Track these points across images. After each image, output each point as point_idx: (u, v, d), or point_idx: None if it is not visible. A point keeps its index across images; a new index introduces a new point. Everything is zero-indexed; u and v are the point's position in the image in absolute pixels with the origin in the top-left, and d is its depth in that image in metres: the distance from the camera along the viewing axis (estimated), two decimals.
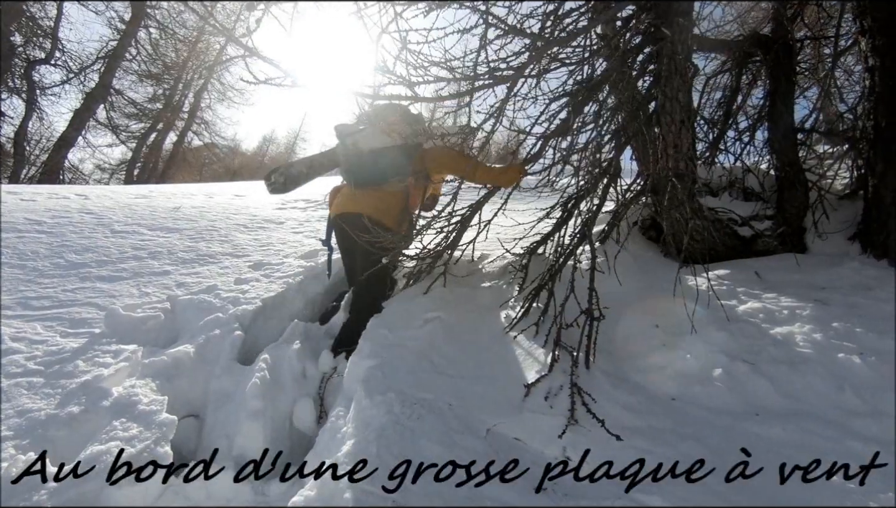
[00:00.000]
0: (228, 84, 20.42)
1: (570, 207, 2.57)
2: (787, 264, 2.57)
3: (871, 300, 2.08)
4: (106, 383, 1.85)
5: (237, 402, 1.92)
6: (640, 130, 2.48)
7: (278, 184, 2.69)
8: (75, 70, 15.84)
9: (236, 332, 2.31)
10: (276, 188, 2.70)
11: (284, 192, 2.74)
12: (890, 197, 2.42)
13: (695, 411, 1.57)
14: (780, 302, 2.11)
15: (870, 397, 1.56)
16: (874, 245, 2.52)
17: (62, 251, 3.21)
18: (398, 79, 1.84)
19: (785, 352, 1.79)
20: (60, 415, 1.68)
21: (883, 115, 2.49)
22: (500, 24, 1.97)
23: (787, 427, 1.45)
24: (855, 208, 2.84)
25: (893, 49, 2.46)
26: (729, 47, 3.36)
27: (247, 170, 25.19)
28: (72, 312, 2.45)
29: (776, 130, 3.01)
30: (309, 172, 2.79)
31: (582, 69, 2.65)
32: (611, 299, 2.07)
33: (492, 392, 1.66)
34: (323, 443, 1.63)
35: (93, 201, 4.91)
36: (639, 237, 3.23)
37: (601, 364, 1.76)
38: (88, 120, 15.84)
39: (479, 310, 2.32)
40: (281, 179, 2.69)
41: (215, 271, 3.17)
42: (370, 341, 2.03)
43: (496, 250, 3.08)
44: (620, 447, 1.35)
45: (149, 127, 18.88)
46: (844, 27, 3.25)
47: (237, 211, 5.24)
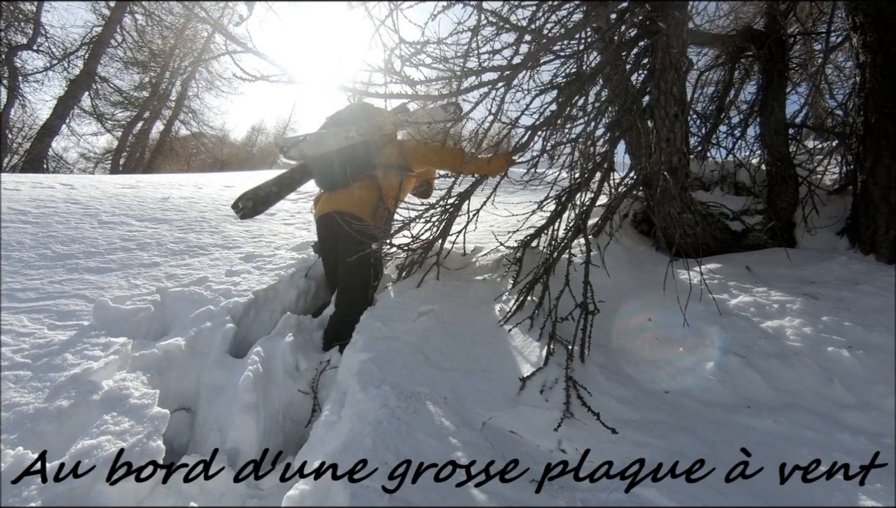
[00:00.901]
0: (217, 73, 20.11)
1: (563, 200, 2.57)
2: (777, 258, 2.60)
3: (859, 294, 2.11)
4: (95, 376, 1.82)
5: (230, 395, 1.90)
6: (634, 123, 2.48)
7: (247, 209, 2.66)
8: (59, 56, 15.47)
9: (228, 324, 2.29)
10: (245, 214, 2.67)
11: (254, 215, 2.71)
12: (878, 193, 2.45)
13: (688, 403, 1.59)
14: (770, 296, 2.14)
15: (858, 389, 1.58)
16: (862, 240, 2.56)
17: (48, 242, 3.15)
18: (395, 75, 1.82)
19: (776, 346, 1.81)
20: (49, 409, 1.65)
21: (873, 111, 2.52)
22: (503, 23, 1.95)
23: (779, 420, 1.47)
24: (844, 203, 2.88)
25: (884, 46, 2.48)
26: (722, 42, 3.37)
27: (235, 160, 24.90)
28: (59, 304, 2.41)
29: (767, 126, 3.04)
30: (280, 190, 2.76)
31: (576, 61, 2.64)
32: (604, 292, 2.08)
33: (487, 386, 1.66)
34: (317, 437, 1.62)
35: (79, 190, 4.82)
36: (631, 231, 3.24)
37: (596, 357, 1.77)
38: (73, 108, 15.48)
39: (474, 303, 2.32)
40: (249, 204, 2.66)
41: (206, 263, 3.14)
42: (364, 334, 2.02)
43: (490, 243, 3.08)
44: (615, 439, 1.36)
45: (135, 116, 18.50)
46: (836, 23, 3.28)
47: (227, 202, 5.16)
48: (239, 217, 2.69)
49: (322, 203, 2.70)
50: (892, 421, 1.45)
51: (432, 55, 2.06)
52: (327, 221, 2.59)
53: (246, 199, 2.66)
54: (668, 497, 1.15)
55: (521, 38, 2.09)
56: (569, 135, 2.71)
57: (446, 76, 1.97)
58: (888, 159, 2.42)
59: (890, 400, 1.52)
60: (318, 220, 2.72)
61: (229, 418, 1.80)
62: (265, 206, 2.71)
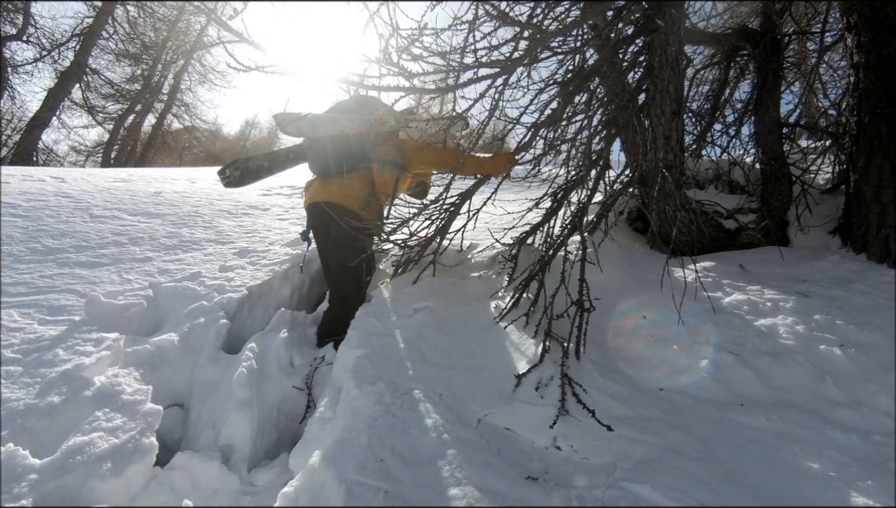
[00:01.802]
0: (210, 66, 19.94)
1: (559, 197, 2.57)
2: (770, 256, 2.62)
3: (851, 293, 2.13)
4: (87, 372, 1.80)
5: (224, 391, 1.89)
6: (631, 120, 2.48)
7: (233, 178, 2.61)
8: (49, 48, 15.27)
9: (221, 320, 2.27)
10: (230, 182, 2.61)
11: (240, 186, 2.67)
12: (871, 192, 2.47)
13: (682, 400, 1.60)
14: (763, 294, 2.15)
15: (850, 387, 1.60)
16: (854, 239, 2.58)
17: (38, 236, 3.11)
18: (391, 67, 1.80)
19: (769, 344, 1.82)
20: (40, 405, 1.63)
21: (866, 111, 2.53)
22: (502, 17, 1.94)
23: (771, 417, 1.49)
24: (836, 202, 2.90)
25: (878, 46, 2.50)
26: (718, 41, 3.38)
27: (229, 154, 24.70)
28: (50, 299, 2.38)
29: (762, 124, 3.05)
30: (271, 166, 2.73)
31: (573, 59, 2.64)
32: (599, 290, 2.09)
33: (482, 382, 1.66)
34: (312, 433, 1.61)
35: (69, 184, 4.76)
36: (625, 229, 3.25)
37: (591, 355, 1.77)
38: (63, 100, 15.30)
39: (469, 300, 2.32)
40: (237, 173, 2.61)
41: (199, 258, 3.11)
42: (359, 330, 2.02)
43: (486, 240, 3.08)
44: (610, 436, 1.37)
45: (126, 108, 18.31)
46: (830, 23, 3.29)
47: (220, 197, 5.13)
48: (223, 184, 2.63)
49: (313, 191, 2.67)
50: (882, 419, 1.47)
51: (430, 49, 2.05)
52: (316, 211, 2.57)
53: (234, 168, 2.61)
54: (662, 493, 1.16)
55: (520, 33, 2.08)
56: (566, 133, 2.71)
57: (444, 70, 1.96)
58: (880, 159, 2.44)
59: (881, 398, 1.54)
60: (307, 208, 2.70)
61: (223, 414, 1.79)
62: (253, 179, 2.67)
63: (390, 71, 1.78)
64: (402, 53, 1.91)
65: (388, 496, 1.15)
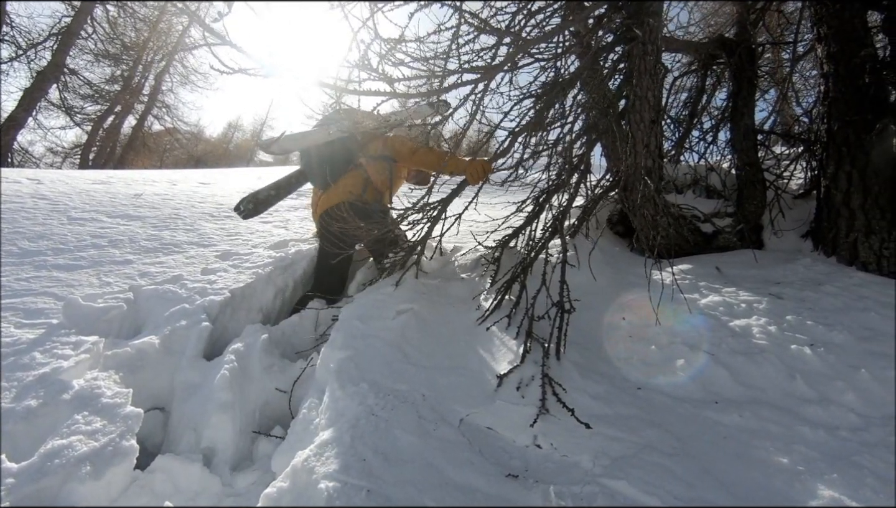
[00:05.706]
0: (192, 67, 19.70)
1: (541, 201, 2.61)
2: (745, 259, 2.69)
3: (821, 295, 2.21)
4: (66, 375, 1.77)
5: (205, 394, 1.88)
6: (611, 127, 2.53)
7: (249, 211, 2.92)
8: (24, 47, 14.90)
9: (203, 323, 2.25)
10: (248, 214, 2.93)
11: (256, 215, 2.96)
12: (840, 197, 2.56)
13: (659, 399, 1.64)
14: (738, 296, 2.22)
15: (819, 385, 1.66)
16: (825, 243, 2.67)
17: (14, 238, 3.05)
18: (374, 73, 1.82)
19: (742, 343, 1.88)
20: (17, 409, 1.61)
21: (835, 119, 2.63)
22: (482, 25, 1.98)
23: (744, 414, 1.54)
24: (808, 207, 2.99)
25: (847, 56, 2.60)
26: (695, 49, 3.47)
27: (211, 157, 24.44)
28: (26, 302, 2.33)
29: (737, 131, 3.14)
30: (278, 192, 3.04)
31: (554, 67, 2.69)
32: (579, 291, 2.12)
33: (465, 383, 1.69)
34: (295, 435, 1.62)
35: (47, 185, 4.67)
36: (607, 232, 3.31)
37: (571, 355, 1.80)
38: (40, 100, 14.91)
39: (452, 302, 2.34)
40: (250, 205, 2.92)
41: (181, 261, 3.08)
42: (342, 332, 2.02)
43: (469, 243, 3.10)
44: (589, 434, 1.40)
45: (106, 109, 17.93)
46: (802, 34, 3.40)
47: (203, 199, 5.08)
48: (241, 218, 2.96)
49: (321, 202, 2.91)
50: (848, 415, 1.53)
51: (412, 54, 2.07)
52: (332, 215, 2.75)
53: (247, 201, 2.93)
54: (638, 489, 1.19)
55: (500, 40, 2.12)
56: (546, 138, 2.76)
57: (426, 75, 1.98)
58: (848, 166, 2.53)
59: (848, 395, 1.60)
60: (320, 218, 2.92)
61: (204, 417, 1.78)
62: (265, 206, 2.99)
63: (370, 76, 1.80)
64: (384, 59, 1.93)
65: (370, 494, 1.16)
